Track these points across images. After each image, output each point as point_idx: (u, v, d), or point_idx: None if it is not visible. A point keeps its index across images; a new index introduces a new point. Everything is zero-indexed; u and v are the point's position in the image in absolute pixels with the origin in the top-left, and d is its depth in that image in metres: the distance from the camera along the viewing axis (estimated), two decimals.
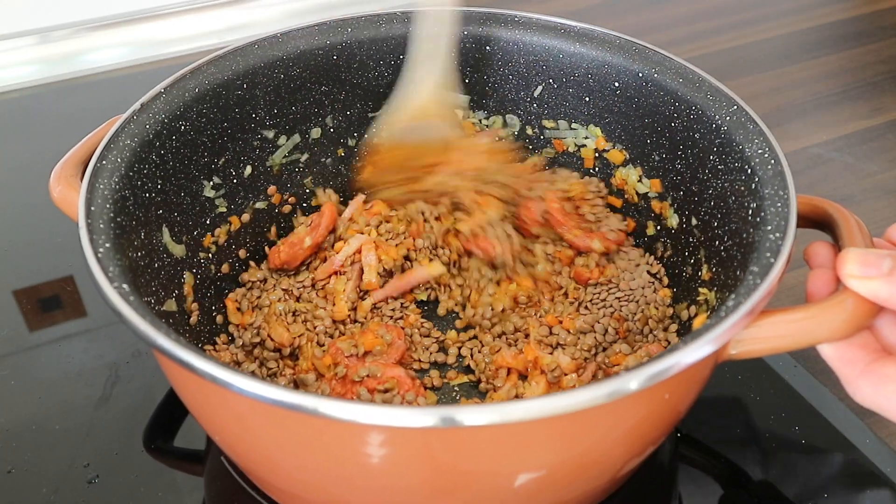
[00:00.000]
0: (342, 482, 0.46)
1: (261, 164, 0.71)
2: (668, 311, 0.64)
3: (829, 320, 0.46)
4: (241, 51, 0.67)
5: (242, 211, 0.70)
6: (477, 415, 0.40)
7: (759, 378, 0.65)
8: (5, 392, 0.65)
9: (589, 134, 0.72)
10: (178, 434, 0.62)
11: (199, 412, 0.50)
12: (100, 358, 0.68)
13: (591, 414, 0.42)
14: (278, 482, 0.52)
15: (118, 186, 0.54)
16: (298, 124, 0.72)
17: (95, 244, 0.49)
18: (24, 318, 0.72)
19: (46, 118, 0.99)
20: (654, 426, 0.48)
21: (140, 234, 0.56)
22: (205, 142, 0.65)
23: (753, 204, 0.54)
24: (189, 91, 0.63)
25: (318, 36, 0.70)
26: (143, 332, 0.44)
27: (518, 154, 0.73)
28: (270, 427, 0.44)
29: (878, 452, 0.60)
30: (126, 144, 0.57)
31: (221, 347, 0.62)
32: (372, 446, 0.42)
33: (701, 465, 0.60)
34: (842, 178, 0.88)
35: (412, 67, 0.68)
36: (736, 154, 0.57)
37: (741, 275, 0.51)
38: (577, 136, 0.73)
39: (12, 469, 0.60)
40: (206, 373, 0.42)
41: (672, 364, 0.42)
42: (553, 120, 0.73)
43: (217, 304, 0.65)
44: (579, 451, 0.45)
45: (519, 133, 0.75)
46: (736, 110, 0.59)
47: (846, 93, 1.01)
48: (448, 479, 0.45)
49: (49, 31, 1.06)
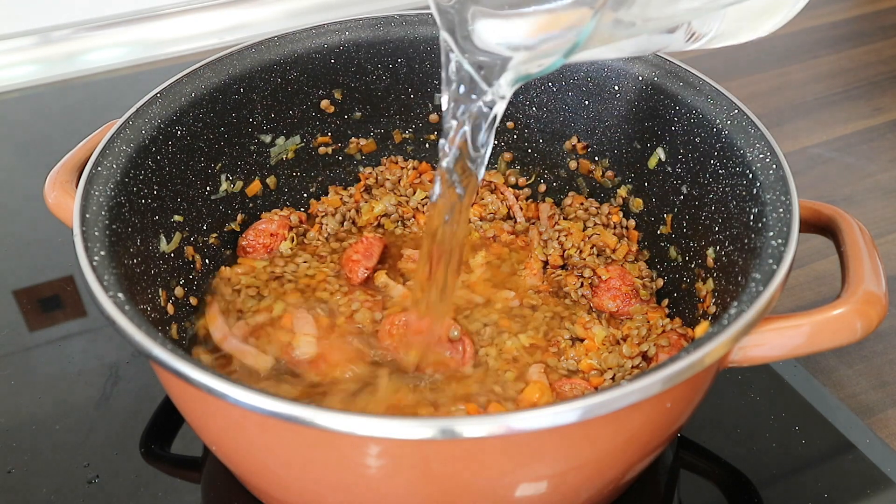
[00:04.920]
0: (340, 493, 0.46)
1: (258, 169, 0.71)
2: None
3: (833, 327, 0.46)
4: (237, 54, 0.67)
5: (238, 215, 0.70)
6: (476, 426, 0.39)
7: (760, 379, 0.65)
8: (5, 392, 0.65)
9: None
10: (176, 439, 0.62)
11: (196, 422, 0.50)
12: (100, 358, 0.68)
13: (593, 424, 0.42)
14: (275, 492, 0.52)
15: (113, 193, 0.54)
16: (296, 128, 0.72)
17: (91, 252, 0.49)
18: (24, 318, 0.72)
19: (46, 118, 0.98)
20: (656, 435, 0.48)
21: (136, 240, 0.56)
22: (201, 146, 0.65)
23: (755, 209, 0.54)
24: (185, 95, 0.63)
25: (316, 38, 0.70)
26: (138, 342, 0.44)
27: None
28: (267, 438, 0.44)
29: (878, 452, 0.60)
30: (121, 150, 0.57)
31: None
32: (370, 458, 0.42)
33: (702, 471, 0.60)
34: (842, 178, 0.87)
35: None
36: (737, 158, 0.57)
37: (743, 281, 0.50)
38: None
39: (12, 469, 0.60)
40: (202, 383, 0.41)
41: (674, 373, 0.42)
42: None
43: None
44: (581, 461, 0.45)
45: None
46: (737, 114, 0.59)
47: (846, 93, 1.00)
48: (447, 490, 0.45)
49: (49, 31, 1.05)
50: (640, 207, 0.70)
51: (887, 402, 0.65)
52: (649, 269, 0.68)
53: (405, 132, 0.76)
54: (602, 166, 0.72)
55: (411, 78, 0.73)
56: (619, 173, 0.71)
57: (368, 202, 0.74)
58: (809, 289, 0.75)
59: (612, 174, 0.71)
